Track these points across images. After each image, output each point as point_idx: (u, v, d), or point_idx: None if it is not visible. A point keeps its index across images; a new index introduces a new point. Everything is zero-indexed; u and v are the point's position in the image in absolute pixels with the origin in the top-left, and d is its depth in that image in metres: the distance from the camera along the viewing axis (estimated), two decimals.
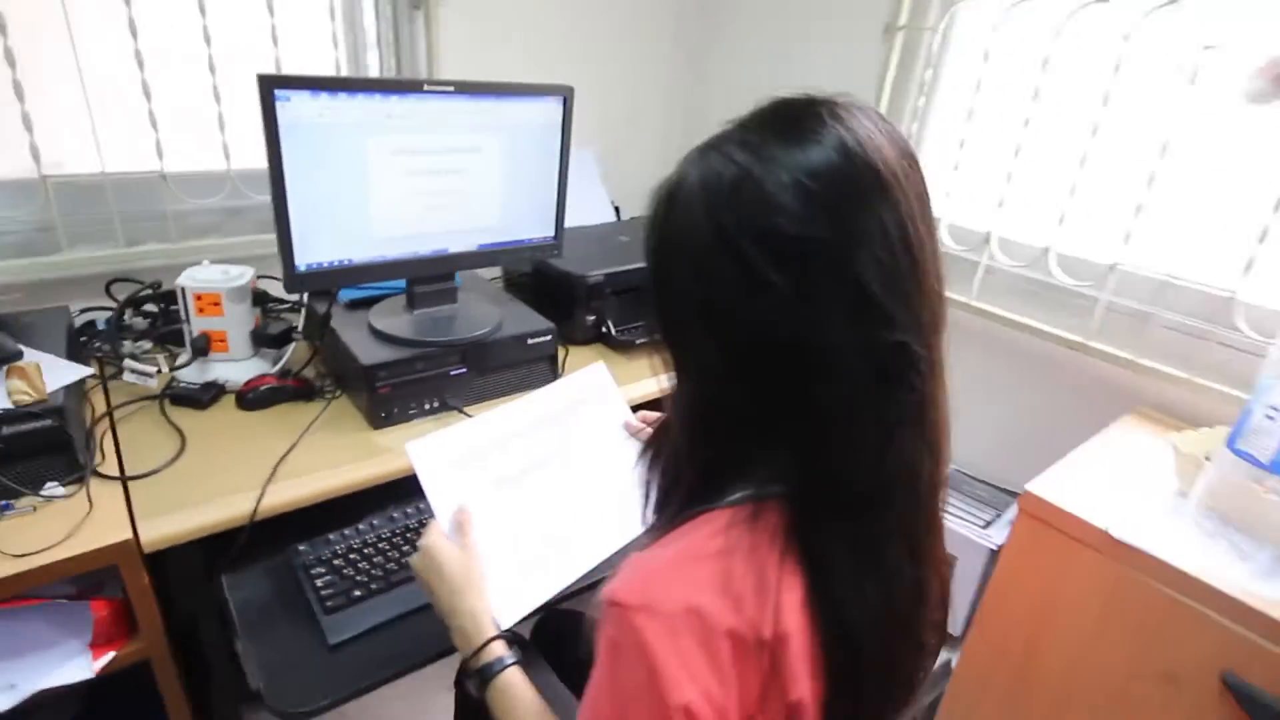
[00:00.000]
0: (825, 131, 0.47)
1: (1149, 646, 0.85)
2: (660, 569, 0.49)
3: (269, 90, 0.89)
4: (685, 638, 0.46)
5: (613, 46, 1.70)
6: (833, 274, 0.45)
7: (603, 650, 0.49)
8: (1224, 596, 0.78)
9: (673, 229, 0.51)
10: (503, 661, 0.66)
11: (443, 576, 0.71)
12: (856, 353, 0.46)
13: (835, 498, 0.49)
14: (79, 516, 0.83)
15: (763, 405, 0.49)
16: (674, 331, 0.54)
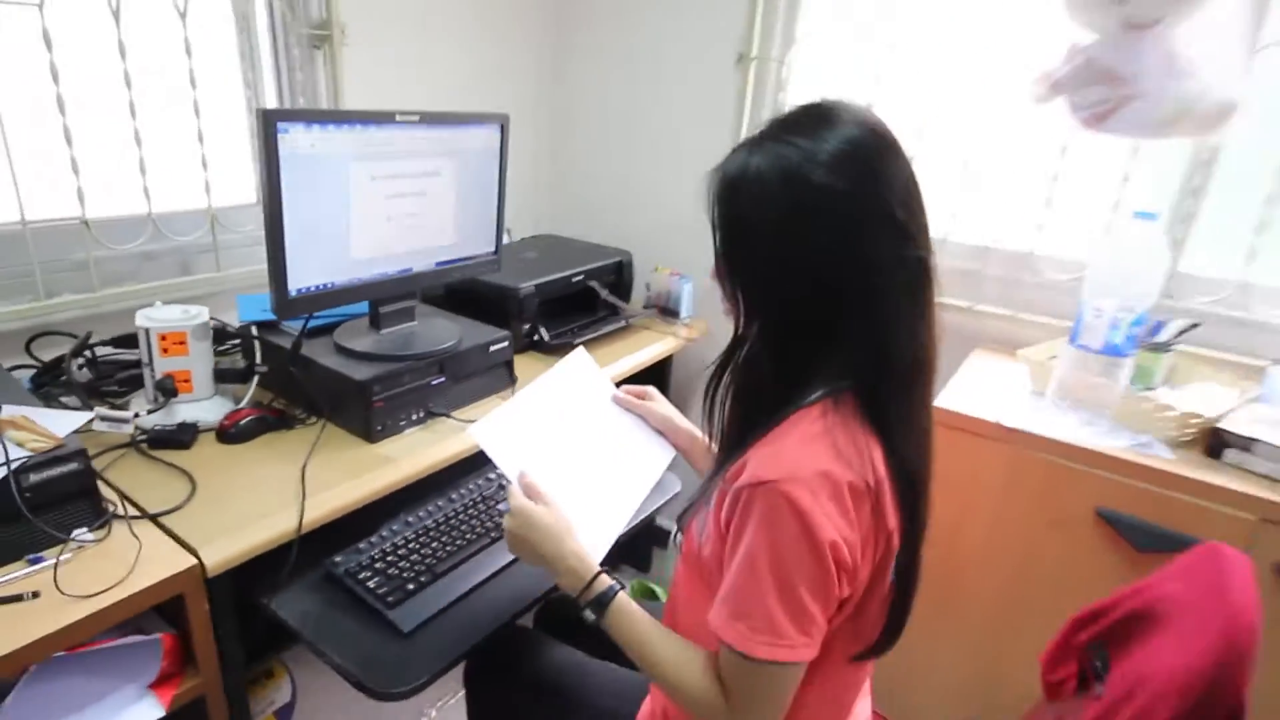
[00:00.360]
0: (846, 117, 0.69)
1: (1040, 503, 1.17)
2: (788, 451, 0.67)
3: (272, 123, 0.95)
4: (821, 494, 0.65)
5: (489, 70, 1.84)
6: (874, 209, 0.67)
7: (755, 522, 0.66)
8: (1087, 452, 1.12)
9: (749, 202, 0.70)
10: (614, 588, 0.80)
11: (541, 531, 0.83)
12: (894, 265, 0.68)
13: (886, 381, 0.70)
14: (130, 555, 0.84)
15: (831, 316, 0.69)
16: (756, 277, 0.72)
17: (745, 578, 0.67)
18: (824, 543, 0.64)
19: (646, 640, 0.78)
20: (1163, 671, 0.62)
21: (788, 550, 0.65)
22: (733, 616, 0.68)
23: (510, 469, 0.89)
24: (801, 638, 0.67)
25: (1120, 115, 1.20)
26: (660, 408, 1.09)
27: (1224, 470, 1.08)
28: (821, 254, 0.68)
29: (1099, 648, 0.79)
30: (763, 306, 0.73)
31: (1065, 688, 0.85)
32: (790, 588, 0.66)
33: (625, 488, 1.00)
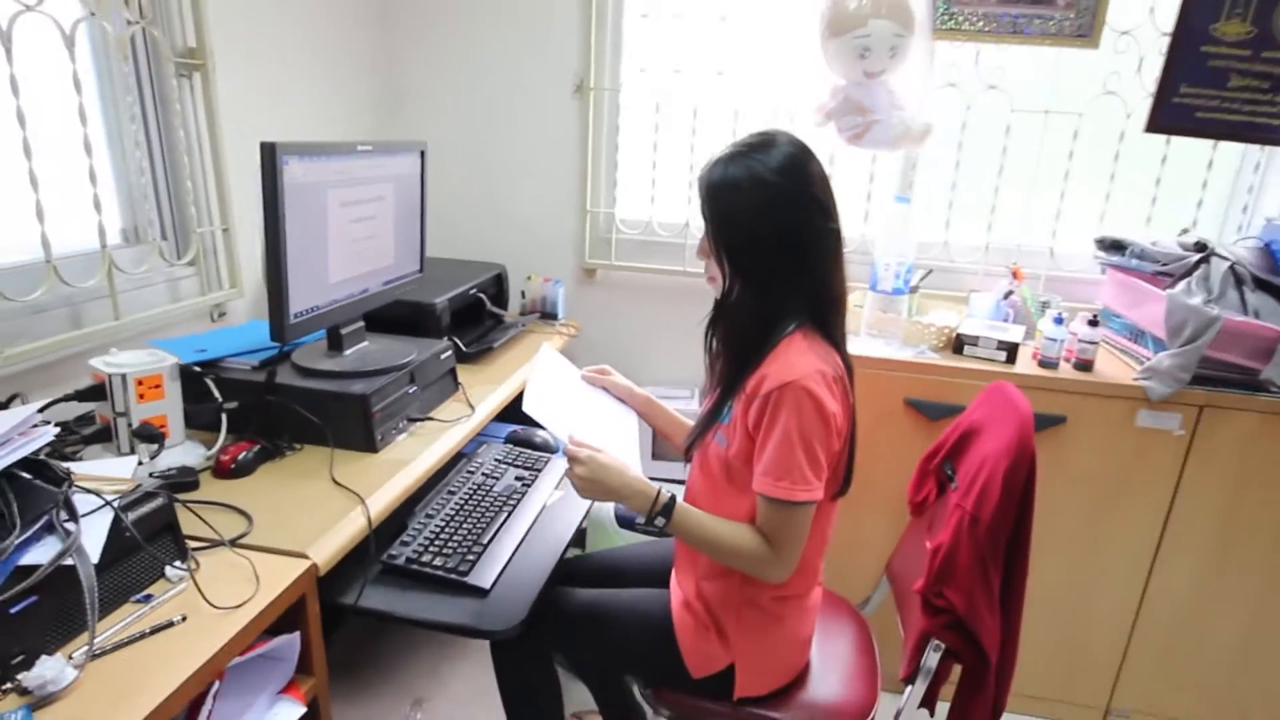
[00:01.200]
0: (783, 140, 1.08)
1: (872, 404, 1.71)
2: (794, 361, 1.04)
3: (278, 156, 1.05)
4: (822, 384, 1.03)
5: (336, 102, 1.93)
6: (809, 197, 1.06)
7: (786, 409, 1.02)
8: (891, 362, 1.69)
9: (730, 197, 1.05)
10: (674, 496, 1.10)
11: (609, 470, 1.09)
12: (824, 233, 1.08)
13: (829, 310, 1.11)
14: (245, 572, 0.90)
15: (790, 270, 1.07)
16: (745, 251, 1.07)
17: (784, 449, 1.03)
18: (830, 414, 1.03)
19: (707, 525, 1.09)
20: (993, 451, 1.12)
21: (809, 423, 1.02)
22: (777, 478, 1.04)
23: (561, 432, 1.13)
24: (817, 482, 1.05)
25: (868, 135, 1.79)
26: (619, 379, 1.40)
27: (966, 359, 1.72)
28: (781, 228, 1.06)
29: (946, 464, 1.29)
30: (745, 268, 1.08)
31: (928, 501, 1.36)
32: (812, 448, 1.03)
33: (624, 439, 1.29)
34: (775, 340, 1.08)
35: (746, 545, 1.07)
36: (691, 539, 1.11)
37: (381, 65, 2.09)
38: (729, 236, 1.08)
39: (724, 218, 1.07)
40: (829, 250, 1.10)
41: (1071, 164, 1.92)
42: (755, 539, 1.07)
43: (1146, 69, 1.81)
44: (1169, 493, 1.66)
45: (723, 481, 1.14)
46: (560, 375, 1.34)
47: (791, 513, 1.05)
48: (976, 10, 1.81)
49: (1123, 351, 1.79)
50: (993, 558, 1.09)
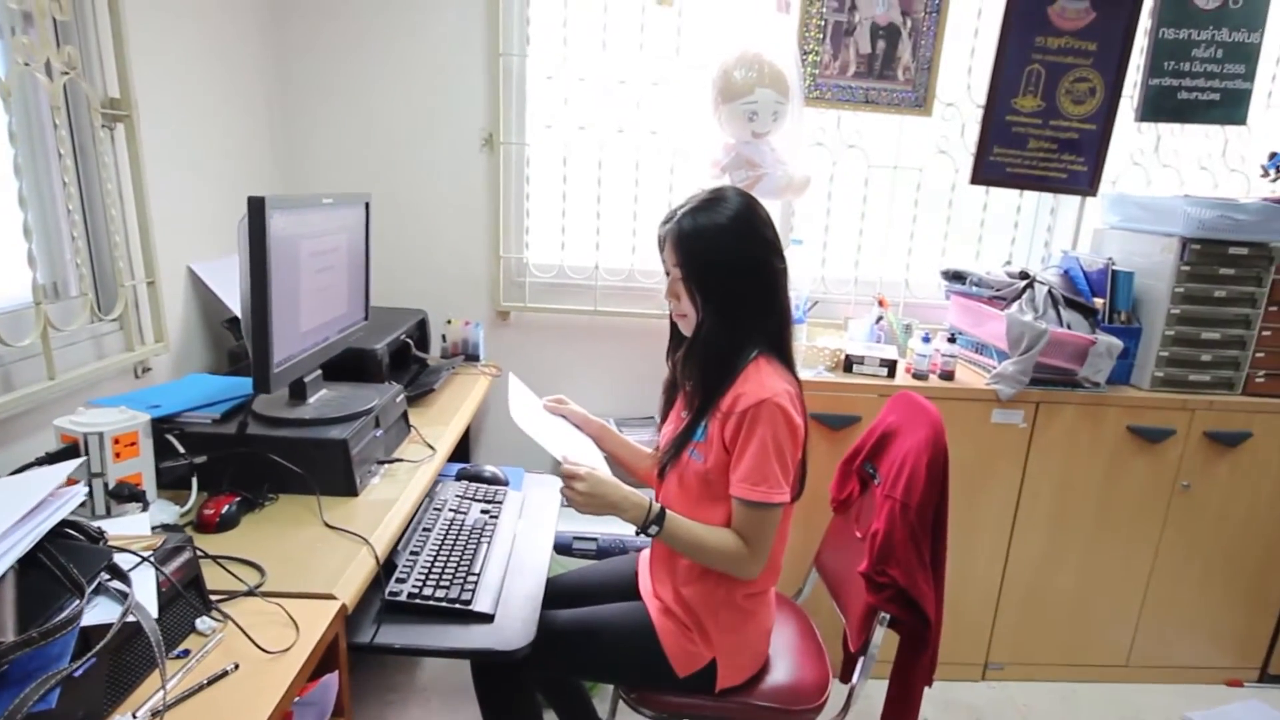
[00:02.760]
0: (732, 194, 1.27)
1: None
2: (765, 382, 1.21)
3: (264, 209, 1.08)
4: (789, 402, 1.21)
5: (238, 152, 1.90)
6: (761, 239, 1.25)
7: (761, 424, 1.18)
8: None
9: (705, 244, 1.22)
10: (663, 508, 1.22)
11: (607, 484, 1.20)
12: (778, 269, 1.27)
13: (783, 337, 1.29)
14: (280, 617, 0.91)
15: (752, 302, 1.24)
16: (717, 287, 1.23)
17: (760, 458, 1.20)
18: (798, 426, 1.22)
19: (692, 530, 1.23)
20: (913, 447, 1.37)
21: (782, 434, 1.20)
22: (754, 483, 1.20)
23: (555, 450, 1.22)
24: (787, 485, 1.22)
25: (758, 187, 2.06)
26: (576, 408, 1.51)
27: (855, 376, 2.00)
28: (746, 265, 1.24)
29: (867, 464, 1.53)
30: (717, 303, 1.25)
31: (853, 497, 1.58)
32: (783, 457, 1.21)
33: (595, 458, 1.39)
34: (743, 364, 1.25)
35: (728, 546, 1.22)
36: (680, 543, 1.23)
37: (278, 118, 2.07)
38: (703, 276, 1.24)
39: (698, 261, 1.23)
40: (782, 284, 1.29)
41: (917, 210, 2.31)
42: (734, 540, 1.22)
43: (968, 133, 2.23)
44: (1019, 475, 2.03)
45: (699, 494, 1.28)
46: (529, 403, 1.43)
47: (766, 514, 1.21)
48: (837, 83, 2.15)
49: (970, 363, 2.16)
50: (923, 534, 1.32)
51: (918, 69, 2.16)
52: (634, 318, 2.28)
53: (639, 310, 2.28)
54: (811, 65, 2.14)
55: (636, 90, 2.16)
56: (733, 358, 1.26)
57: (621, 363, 2.33)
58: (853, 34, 2.14)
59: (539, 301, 2.30)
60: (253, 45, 1.93)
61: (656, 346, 2.32)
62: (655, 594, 1.36)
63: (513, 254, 2.27)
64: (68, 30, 1.32)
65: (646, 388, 2.35)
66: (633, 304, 2.30)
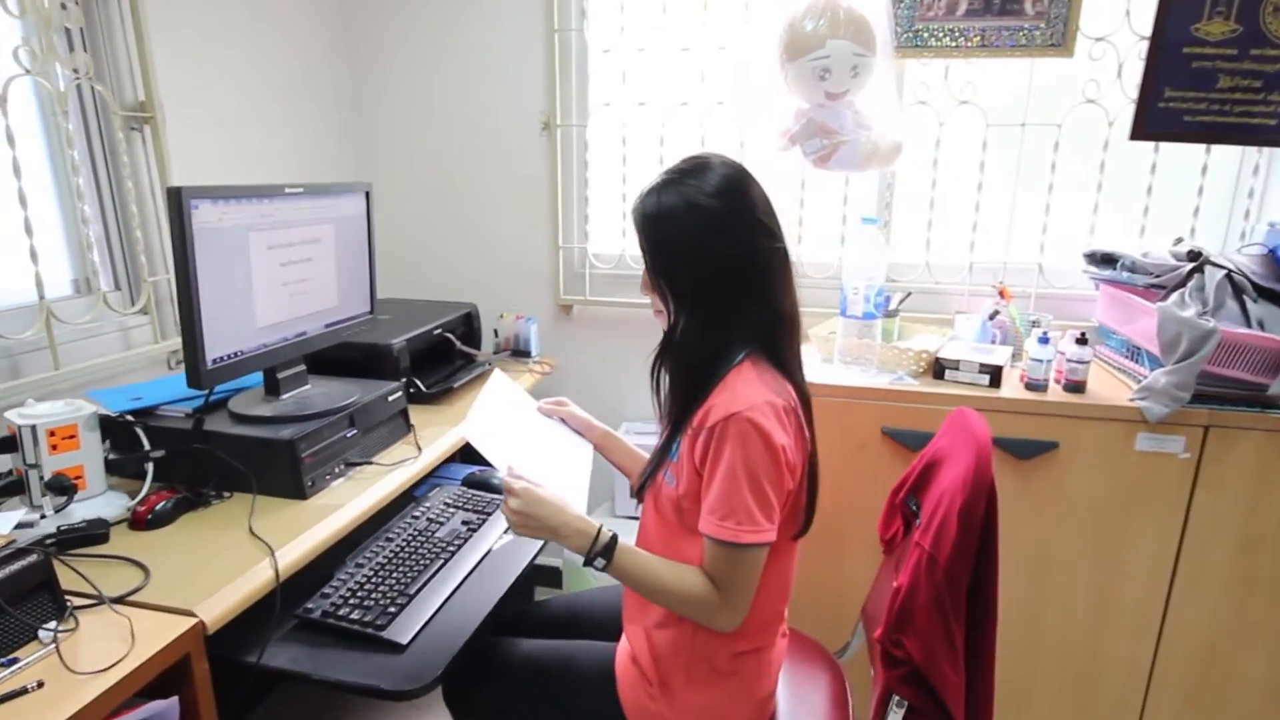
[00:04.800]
0: (716, 162, 1.01)
1: (847, 435, 1.60)
2: (740, 392, 0.95)
3: (184, 200, 1.02)
4: (769, 415, 0.94)
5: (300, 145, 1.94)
6: (749, 219, 0.99)
7: (730, 443, 0.93)
8: (867, 390, 1.58)
9: (666, 227, 0.98)
10: (615, 535, 1.01)
11: (545, 505, 1.01)
12: (769, 254, 1.00)
13: (779, 336, 1.02)
14: (122, 631, 0.84)
15: (736, 296, 0.99)
16: (688, 281, 0.99)
17: (728, 486, 0.94)
18: (778, 447, 0.94)
19: (648, 566, 1.00)
20: (950, 485, 1.01)
21: (756, 457, 0.93)
22: (722, 518, 0.94)
23: (499, 461, 1.06)
24: (767, 524, 0.95)
25: (835, 157, 1.72)
26: (577, 411, 1.32)
27: (946, 384, 1.60)
28: (723, 253, 0.98)
29: (911, 498, 1.18)
30: (690, 299, 1.01)
31: (896, 537, 1.24)
32: (759, 485, 0.94)
33: (574, 472, 1.21)
34: (724, 371, 0.99)
35: (693, 589, 0.97)
36: (634, 583, 1.01)
37: (346, 107, 2.09)
38: (670, 267, 1.00)
39: (663, 248, 1.00)
40: (776, 272, 1.02)
41: (1054, 176, 1.81)
42: (703, 583, 0.97)
43: (1127, 74, 1.71)
44: (1179, 520, 1.51)
45: (675, 523, 1.05)
46: (511, 403, 1.27)
47: (740, 556, 0.95)
48: (942, 26, 1.74)
49: (1120, 370, 1.66)
50: (953, 602, 0.97)
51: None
52: None
53: None
54: (908, 7, 1.75)
55: (700, 58, 1.91)
56: (712, 363, 1.01)
57: None
58: None
59: (601, 294, 2.13)
60: (321, 38, 1.97)
61: None
62: (628, 635, 1.15)
63: (574, 244, 2.12)
64: (93, 38, 1.39)
65: None
66: None
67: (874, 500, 1.58)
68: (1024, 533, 1.57)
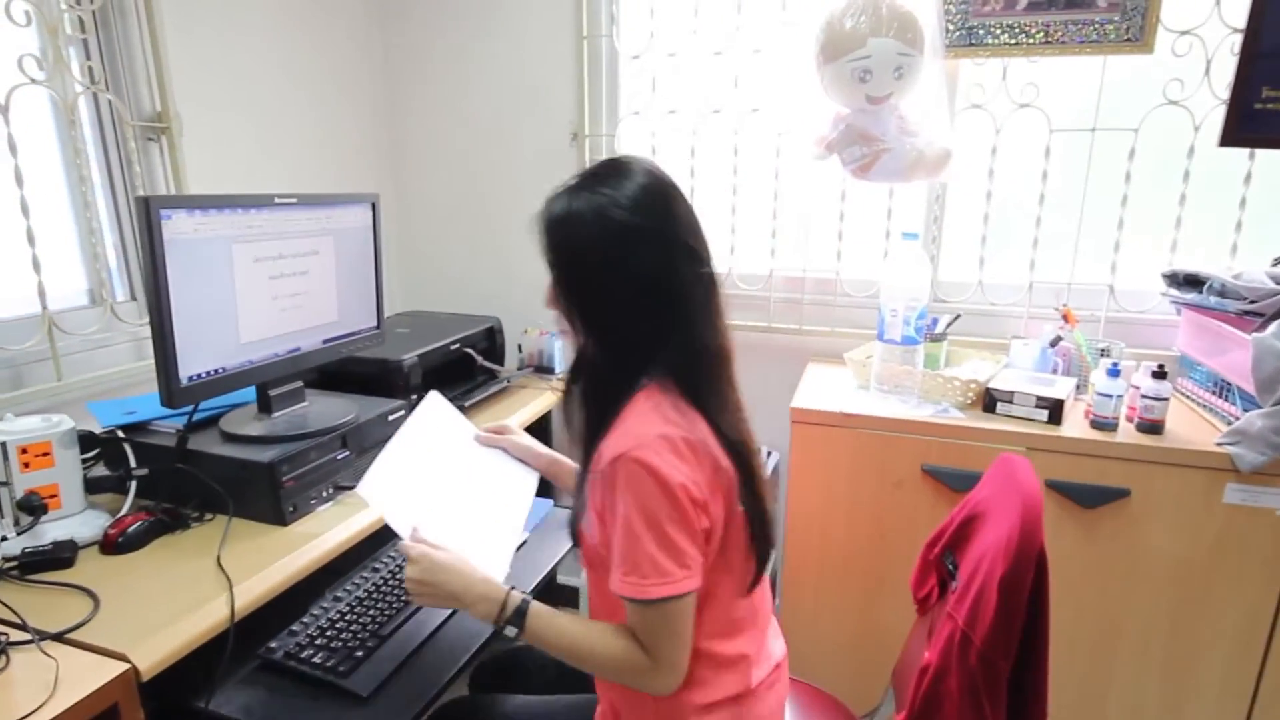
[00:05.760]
0: (638, 168, 0.87)
1: (882, 470, 1.43)
2: (630, 428, 0.82)
3: (154, 210, 0.96)
4: (663, 450, 0.80)
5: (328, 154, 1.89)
6: (670, 238, 0.85)
7: (620, 489, 0.79)
8: (906, 422, 1.41)
9: (572, 237, 0.85)
10: (526, 600, 0.88)
11: (445, 570, 0.89)
12: (693, 280, 0.86)
13: (697, 368, 0.87)
14: (46, 675, 0.77)
15: (650, 324, 0.85)
16: (586, 298, 0.87)
17: (628, 539, 0.81)
18: (675, 485, 0.80)
19: (565, 631, 0.87)
20: (992, 546, 0.85)
21: (651, 501, 0.79)
22: (627, 574, 0.81)
23: (401, 524, 0.94)
24: (682, 571, 0.81)
25: (877, 166, 1.56)
26: (520, 439, 1.20)
27: (998, 419, 1.41)
28: (634, 274, 0.84)
29: (948, 555, 1.01)
30: (595, 322, 0.88)
31: (931, 598, 1.07)
32: (662, 532, 0.80)
33: (506, 513, 1.09)
34: (623, 402, 0.86)
35: (618, 653, 0.84)
36: (555, 650, 0.88)
37: (371, 116, 2.04)
38: (576, 283, 0.88)
39: (569, 261, 0.87)
40: (698, 301, 0.87)
41: (1129, 188, 1.60)
42: (626, 644, 0.84)
43: (1216, 73, 1.49)
44: (1275, 588, 1.28)
45: (601, 573, 0.90)
46: (442, 431, 1.14)
47: (658, 612, 0.81)
48: (1000, 22, 1.56)
49: (1206, 408, 1.43)
50: (990, 694, 0.81)
51: None
52: (735, 330, 1.87)
53: (740, 322, 1.88)
54: (961, 1, 1.58)
55: (734, 62, 1.78)
56: (616, 395, 0.87)
57: None
58: None
59: None
60: (351, 50, 1.94)
61: (759, 363, 1.93)
62: (599, 687, 1.00)
63: None
64: (110, 49, 1.37)
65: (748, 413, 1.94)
66: (733, 314, 1.90)
67: (911, 544, 1.40)
68: (1086, 594, 1.36)
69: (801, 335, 1.84)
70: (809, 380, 1.67)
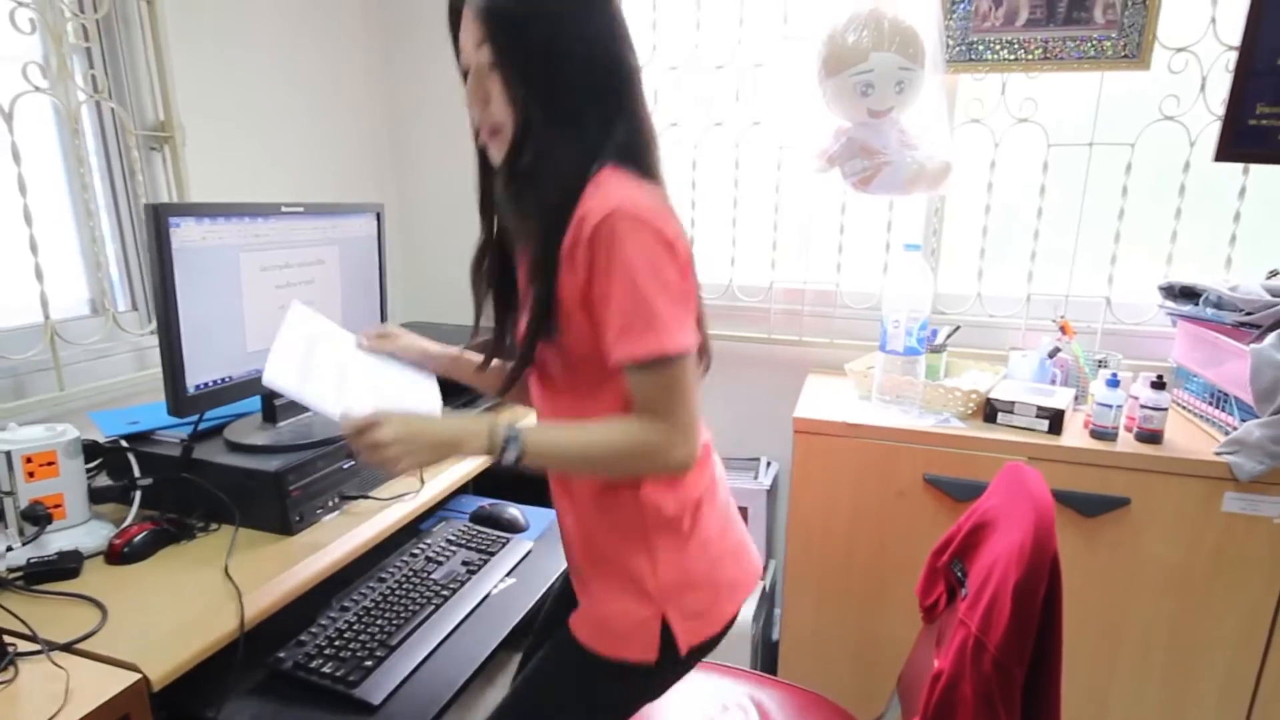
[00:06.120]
0: None
1: (884, 480, 1.44)
2: (612, 191, 0.80)
3: (162, 218, 0.95)
4: (651, 206, 0.80)
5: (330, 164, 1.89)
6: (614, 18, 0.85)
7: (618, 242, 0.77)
8: (908, 432, 1.42)
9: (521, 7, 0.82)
10: (513, 424, 0.84)
11: (418, 419, 0.85)
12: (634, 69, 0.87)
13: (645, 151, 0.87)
14: (56, 686, 0.76)
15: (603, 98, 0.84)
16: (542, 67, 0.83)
17: (632, 296, 0.78)
18: (671, 236, 0.80)
19: (565, 435, 0.85)
20: (1005, 553, 0.85)
21: (651, 251, 0.79)
22: (639, 335, 0.78)
23: (331, 406, 0.90)
24: (689, 322, 0.81)
25: (878, 179, 1.58)
26: (409, 340, 1.13)
27: (999, 429, 1.43)
28: (591, 44, 0.83)
29: (956, 562, 1.02)
30: (543, 95, 0.83)
31: (938, 606, 1.08)
32: (665, 281, 0.79)
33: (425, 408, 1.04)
34: (584, 183, 0.83)
35: (628, 433, 0.82)
36: (559, 458, 0.85)
37: (374, 127, 2.04)
38: (527, 54, 0.82)
39: (515, 31, 0.82)
40: (638, 89, 0.88)
41: (1125, 201, 1.62)
42: (634, 423, 0.82)
43: (1211, 89, 1.52)
44: (1273, 595, 1.29)
45: (568, 388, 0.89)
46: (323, 340, 1.05)
47: (671, 371, 0.80)
48: (999, 38, 1.59)
49: (1203, 418, 1.45)
50: (1004, 699, 0.81)
51: (1127, 4, 1.51)
52: (735, 341, 1.90)
53: (741, 334, 1.89)
54: (961, 17, 1.60)
55: (736, 75, 1.80)
56: (572, 175, 0.83)
57: (721, 395, 1.96)
58: None
59: None
60: (356, 60, 1.94)
61: (760, 374, 1.94)
62: (581, 583, 0.95)
63: None
64: (113, 58, 1.37)
65: (748, 425, 1.95)
66: (734, 325, 1.92)
67: (913, 554, 1.42)
68: (1088, 602, 1.38)
69: (801, 346, 1.85)
70: (809, 391, 1.67)
